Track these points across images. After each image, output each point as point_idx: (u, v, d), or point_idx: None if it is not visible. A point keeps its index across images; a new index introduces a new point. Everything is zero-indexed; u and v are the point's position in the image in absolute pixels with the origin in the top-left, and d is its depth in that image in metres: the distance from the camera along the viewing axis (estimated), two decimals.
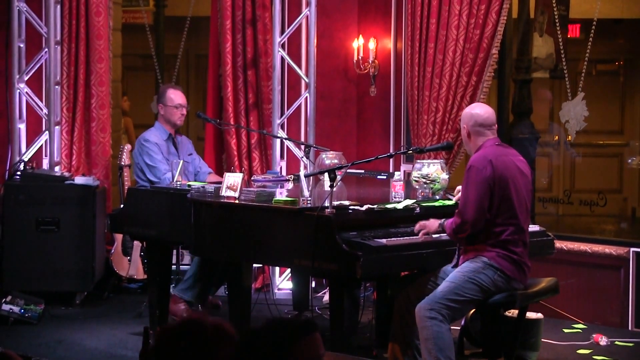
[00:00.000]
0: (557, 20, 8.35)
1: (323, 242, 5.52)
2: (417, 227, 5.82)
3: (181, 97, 7.60)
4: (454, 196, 6.13)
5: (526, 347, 6.33)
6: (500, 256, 5.61)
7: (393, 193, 6.28)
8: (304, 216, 5.68)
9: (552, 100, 10.37)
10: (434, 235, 5.80)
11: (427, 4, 7.97)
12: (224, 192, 6.28)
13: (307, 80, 8.46)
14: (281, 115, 8.50)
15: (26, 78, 8.63)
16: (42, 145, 8.63)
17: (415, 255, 5.75)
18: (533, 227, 6.32)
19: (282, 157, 8.61)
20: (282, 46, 8.48)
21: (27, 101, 8.66)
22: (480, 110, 5.85)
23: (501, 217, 5.59)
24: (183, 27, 9.47)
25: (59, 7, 8.54)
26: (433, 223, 5.77)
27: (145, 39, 9.65)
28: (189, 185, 6.83)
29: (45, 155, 8.63)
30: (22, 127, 8.67)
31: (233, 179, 6.31)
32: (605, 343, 7.00)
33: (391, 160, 8.46)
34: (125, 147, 8.39)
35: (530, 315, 6.29)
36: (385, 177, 7.11)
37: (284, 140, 8.44)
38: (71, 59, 8.56)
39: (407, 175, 6.87)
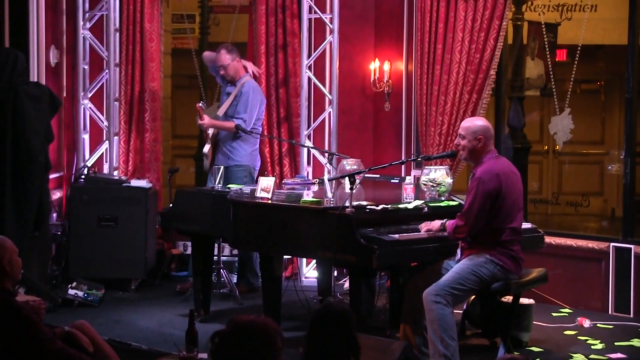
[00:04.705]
0: (546, 46, 8.30)
1: (344, 237, 5.51)
2: (422, 226, 5.80)
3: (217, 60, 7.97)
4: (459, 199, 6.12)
5: (520, 329, 6.30)
6: (500, 253, 5.60)
7: (404, 195, 6.26)
8: (328, 214, 5.67)
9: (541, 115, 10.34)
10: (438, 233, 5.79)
11: (434, 31, 7.94)
12: (259, 194, 6.28)
13: (330, 97, 8.45)
14: (308, 127, 8.49)
15: (90, 95, 8.67)
16: (103, 152, 8.67)
17: (423, 248, 5.75)
18: (526, 225, 6.30)
19: (308, 163, 8.59)
20: (309, 68, 8.48)
21: (90, 115, 8.70)
22: (488, 123, 5.81)
23: (502, 222, 5.58)
24: None
25: (117, 34, 8.58)
26: (436, 223, 5.76)
27: (191, 62, 9.65)
28: (228, 188, 6.85)
29: (106, 161, 8.67)
30: (86, 137, 8.71)
31: (266, 182, 6.32)
32: (588, 325, 6.95)
33: (403, 166, 8.43)
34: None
35: (523, 301, 6.25)
36: (397, 181, 7.08)
37: (310, 149, 8.42)
38: (128, 79, 8.58)
39: (417, 179, 6.83)
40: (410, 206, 6.00)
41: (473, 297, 6.11)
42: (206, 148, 7.87)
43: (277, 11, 8.46)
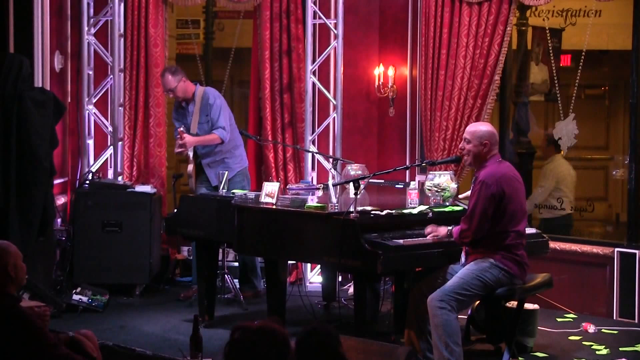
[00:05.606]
0: (551, 51, 8.30)
1: (348, 242, 5.50)
2: (427, 229, 5.78)
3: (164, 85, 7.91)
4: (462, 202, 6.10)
5: (524, 334, 6.29)
6: (505, 258, 5.59)
7: (409, 200, 6.25)
8: (332, 220, 5.67)
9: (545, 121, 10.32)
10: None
11: (438, 37, 7.94)
12: (263, 199, 6.28)
13: (334, 103, 8.44)
14: (312, 133, 8.49)
15: (94, 100, 8.68)
16: (107, 158, 8.68)
17: (428, 253, 5.73)
18: (530, 230, 6.29)
19: (313, 168, 8.59)
20: (314, 73, 8.48)
21: (95, 120, 8.71)
22: (493, 128, 5.81)
23: (506, 226, 5.56)
24: (228, 56, 9.47)
25: (122, 39, 8.59)
26: (442, 229, 5.74)
27: (196, 67, 9.65)
28: (233, 193, 6.85)
29: (110, 167, 8.67)
30: (91, 142, 8.72)
31: (271, 188, 6.31)
32: (593, 330, 6.93)
33: (407, 171, 8.43)
34: None
35: (528, 306, 6.24)
36: (402, 186, 7.08)
37: (314, 154, 8.43)
38: (132, 84, 8.59)
39: (421, 184, 6.84)
40: (414, 211, 5.99)
41: (478, 302, 6.09)
42: (190, 168, 7.86)
43: (281, 16, 8.47)
